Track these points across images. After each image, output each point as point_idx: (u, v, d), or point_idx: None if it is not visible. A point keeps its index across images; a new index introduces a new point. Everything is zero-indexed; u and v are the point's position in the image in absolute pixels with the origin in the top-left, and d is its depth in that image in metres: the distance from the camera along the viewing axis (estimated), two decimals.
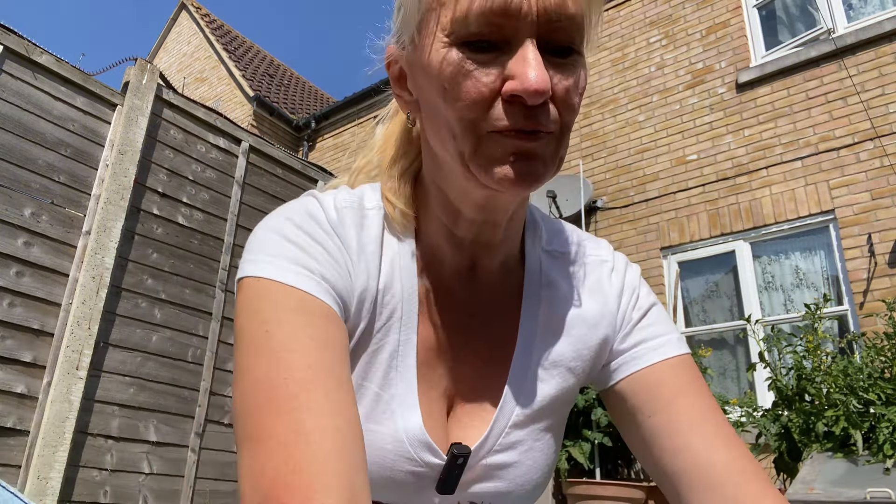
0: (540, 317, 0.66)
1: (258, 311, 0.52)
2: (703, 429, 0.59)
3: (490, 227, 0.62)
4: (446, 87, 0.51)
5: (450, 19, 0.50)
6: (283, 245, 0.55)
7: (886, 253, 4.42)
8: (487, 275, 0.66)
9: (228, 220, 3.68)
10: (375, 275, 0.60)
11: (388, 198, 0.63)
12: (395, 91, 0.62)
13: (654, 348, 0.65)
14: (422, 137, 0.63)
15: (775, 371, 2.96)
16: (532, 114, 0.50)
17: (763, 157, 5.23)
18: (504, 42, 0.50)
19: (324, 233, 0.58)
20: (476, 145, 0.52)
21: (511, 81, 0.49)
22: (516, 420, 0.63)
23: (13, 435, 2.67)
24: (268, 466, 0.43)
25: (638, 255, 5.66)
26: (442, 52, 0.51)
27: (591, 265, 0.69)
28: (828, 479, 2.28)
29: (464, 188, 0.58)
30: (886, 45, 4.90)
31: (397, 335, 0.61)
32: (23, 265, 2.81)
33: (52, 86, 3.07)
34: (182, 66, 11.90)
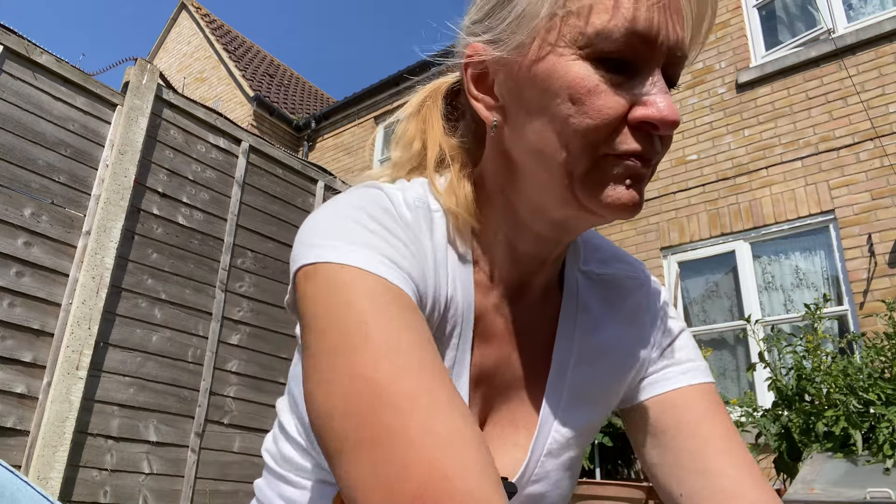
0: (575, 344, 0.64)
1: (350, 303, 0.46)
2: (732, 456, 0.60)
3: (553, 244, 0.61)
4: (575, 101, 0.49)
5: (588, 31, 0.49)
6: (364, 234, 0.51)
7: (886, 253, 4.42)
8: (533, 294, 0.64)
9: (228, 220, 3.68)
10: (444, 284, 0.56)
11: (445, 199, 0.60)
12: (472, 93, 0.58)
13: (683, 372, 0.65)
14: (493, 145, 0.60)
15: (775, 371, 2.96)
16: (653, 142, 0.51)
17: (763, 157, 5.23)
18: (635, 67, 0.50)
19: (401, 229, 0.54)
20: (591, 166, 0.51)
21: (643, 108, 0.49)
22: (549, 449, 0.62)
23: (13, 435, 2.67)
24: (411, 471, 0.38)
25: (638, 255, 5.66)
26: (572, 63, 0.50)
27: (627, 290, 0.68)
28: (828, 479, 2.28)
29: (545, 204, 0.56)
30: (886, 45, 4.90)
31: (454, 353, 0.58)
32: (23, 265, 2.81)
33: (52, 86, 3.07)
34: (182, 66, 11.90)
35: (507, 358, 0.62)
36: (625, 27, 0.48)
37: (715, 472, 0.59)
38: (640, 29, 0.48)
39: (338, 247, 0.49)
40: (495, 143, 0.59)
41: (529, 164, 0.55)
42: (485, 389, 0.62)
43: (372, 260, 0.49)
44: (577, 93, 0.49)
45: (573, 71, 0.49)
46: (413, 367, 0.43)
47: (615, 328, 0.66)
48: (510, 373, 0.63)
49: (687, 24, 0.50)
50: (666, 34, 0.49)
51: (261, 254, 3.83)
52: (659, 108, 0.49)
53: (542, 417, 0.62)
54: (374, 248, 0.50)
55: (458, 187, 0.60)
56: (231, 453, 3.42)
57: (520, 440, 0.62)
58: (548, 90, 0.51)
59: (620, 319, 0.66)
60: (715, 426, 0.62)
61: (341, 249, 0.49)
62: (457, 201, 0.59)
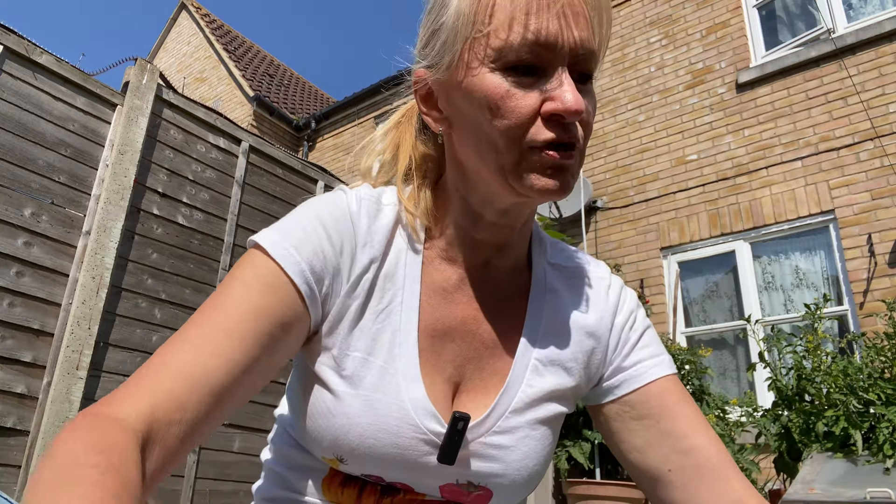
0: (543, 318, 0.73)
1: (236, 269, 0.62)
2: (707, 434, 0.71)
3: (507, 230, 0.71)
4: (492, 107, 0.59)
5: (494, 47, 0.58)
6: (289, 225, 0.65)
7: (886, 253, 4.42)
8: (498, 273, 0.73)
9: (228, 220, 3.68)
10: (378, 261, 0.68)
11: (406, 204, 0.70)
12: (422, 110, 0.69)
13: (654, 365, 0.74)
14: (447, 151, 0.71)
15: (775, 371, 2.96)
16: (568, 129, 0.60)
17: (763, 157, 5.23)
18: (542, 69, 0.59)
19: (336, 221, 0.66)
20: (518, 159, 0.60)
21: (551, 102, 0.58)
22: (515, 406, 0.69)
23: (13, 435, 2.67)
24: (135, 374, 0.54)
25: (638, 255, 5.66)
26: (487, 75, 0.59)
27: (590, 280, 0.78)
28: (828, 479, 2.28)
29: (491, 195, 0.66)
30: (886, 45, 4.90)
31: (399, 317, 0.67)
32: (23, 265, 2.81)
33: (52, 86, 3.07)
34: (182, 66, 11.90)
35: (472, 329, 0.71)
36: (524, 39, 0.57)
37: (698, 447, 0.69)
38: (537, 38, 0.57)
39: (265, 232, 0.64)
40: (448, 148, 0.70)
41: (473, 163, 0.65)
42: (454, 355, 0.70)
43: (274, 244, 0.62)
44: (493, 99, 0.59)
45: (487, 82, 0.59)
46: (215, 320, 0.58)
47: (579, 309, 0.75)
48: (479, 342, 0.71)
49: (587, 22, 0.58)
50: (563, 38, 0.57)
51: None
52: (563, 100, 0.57)
53: (510, 378, 0.70)
54: (286, 235, 0.63)
55: (420, 192, 0.72)
56: (231, 453, 3.41)
57: (488, 401, 0.70)
58: (472, 101, 0.60)
59: (584, 303, 0.76)
60: (691, 409, 0.72)
61: (264, 234, 0.64)
62: (416, 205, 0.71)
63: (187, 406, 0.52)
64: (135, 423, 0.48)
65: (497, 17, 0.58)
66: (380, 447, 0.64)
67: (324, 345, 0.66)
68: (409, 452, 0.65)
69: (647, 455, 0.71)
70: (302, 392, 0.70)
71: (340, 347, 0.65)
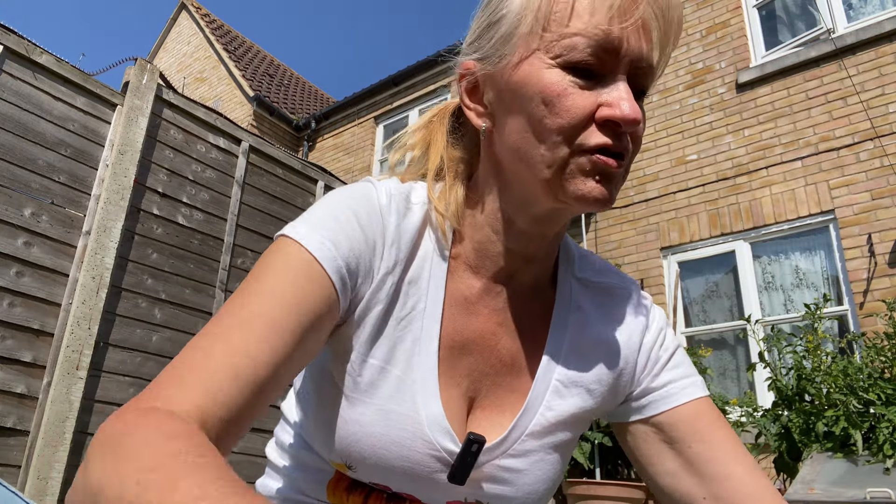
0: (567, 337, 0.70)
1: (267, 260, 0.58)
2: (745, 461, 0.67)
3: (538, 240, 0.67)
4: (547, 102, 0.57)
5: (559, 44, 0.57)
6: (322, 217, 0.61)
7: (886, 253, 4.42)
8: (522, 287, 0.70)
9: (228, 220, 3.68)
10: (403, 264, 0.64)
11: (436, 204, 0.67)
12: (465, 102, 0.67)
13: (685, 387, 0.71)
14: (484, 150, 0.68)
15: (775, 371, 2.96)
16: (621, 138, 0.58)
17: (763, 157, 5.23)
18: (601, 74, 0.57)
19: (370, 213, 0.63)
20: (564, 161, 0.58)
21: (607, 108, 0.57)
22: (533, 429, 0.67)
23: (13, 435, 2.67)
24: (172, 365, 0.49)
25: (638, 255, 5.66)
26: (545, 71, 0.57)
27: (620, 297, 0.74)
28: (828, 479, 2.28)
29: (527, 199, 0.63)
30: (886, 45, 4.90)
31: (420, 324, 0.65)
32: (23, 265, 2.81)
33: (52, 86, 3.07)
34: (182, 66, 11.90)
35: (491, 344, 0.68)
36: (591, 40, 0.56)
37: (734, 475, 0.66)
38: (605, 42, 0.56)
39: (296, 224, 0.61)
40: (486, 148, 0.67)
41: (513, 162, 0.62)
42: (468, 370, 0.67)
43: (308, 235, 0.59)
44: (549, 95, 0.57)
45: (546, 77, 0.57)
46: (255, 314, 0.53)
47: (607, 327, 0.72)
48: (497, 358, 0.68)
49: (654, 38, 0.58)
50: (629, 47, 0.57)
51: (261, 254, 3.82)
52: (621, 108, 0.56)
53: (529, 400, 0.67)
54: (320, 227, 0.60)
55: (451, 193, 0.68)
56: (231, 453, 3.41)
57: (504, 421, 0.67)
58: (525, 95, 0.59)
59: (612, 322, 0.72)
60: (726, 433, 0.69)
61: (295, 226, 0.61)
62: (446, 206, 0.67)
63: (234, 404, 0.49)
64: (190, 418, 0.46)
65: (568, 14, 0.57)
66: (390, 459, 0.63)
67: (343, 346, 0.64)
68: (420, 467, 0.63)
69: (679, 481, 0.68)
70: (315, 393, 0.68)
71: (359, 352, 0.63)
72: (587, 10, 0.56)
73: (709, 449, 0.67)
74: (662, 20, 0.57)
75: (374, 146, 8.90)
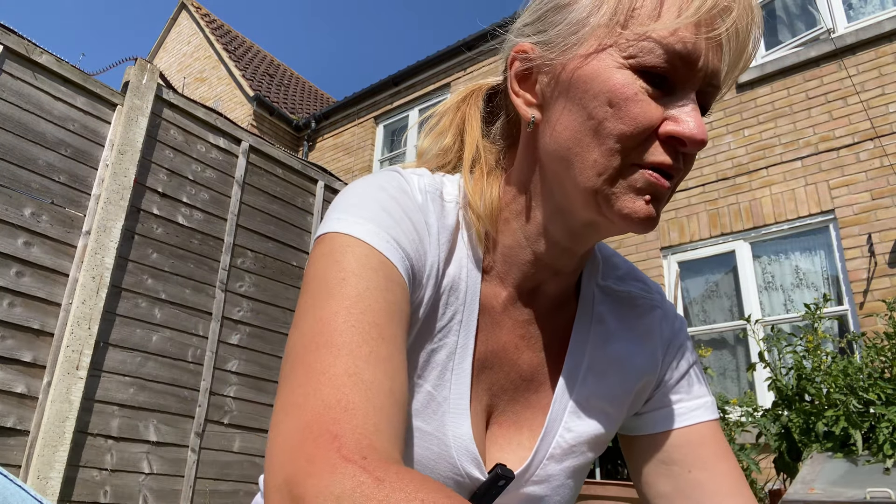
0: (587, 353, 0.66)
1: (339, 262, 0.51)
2: (742, 495, 0.64)
3: (568, 255, 0.62)
4: (612, 104, 0.52)
5: (637, 43, 0.52)
6: (376, 211, 0.55)
7: (886, 253, 4.42)
8: (546, 300, 0.65)
9: (228, 220, 3.68)
10: (441, 269, 0.59)
11: (472, 204, 0.62)
12: (514, 89, 0.60)
13: (695, 408, 0.68)
14: (526, 145, 0.62)
15: (775, 371, 2.96)
16: (678, 158, 0.54)
17: (763, 157, 5.23)
18: (671, 86, 0.53)
19: (414, 209, 0.58)
20: (617, 172, 0.53)
21: (674, 124, 0.52)
22: (553, 452, 0.63)
23: (13, 435, 2.67)
24: (316, 399, 0.42)
25: (638, 255, 5.66)
26: (616, 69, 0.52)
27: (642, 309, 0.70)
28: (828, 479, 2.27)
29: (566, 208, 0.58)
30: (886, 45, 4.90)
31: (456, 338, 0.60)
32: (23, 265, 2.81)
33: (52, 86, 3.07)
34: (182, 66, 11.90)
35: (513, 358, 0.64)
36: (672, 45, 0.51)
37: None
38: (686, 51, 0.51)
39: (348, 220, 0.54)
40: (529, 142, 0.61)
41: (559, 163, 0.56)
42: (489, 385, 0.63)
43: (372, 233, 0.53)
44: (617, 97, 0.52)
45: (616, 77, 0.52)
46: (370, 323, 0.47)
47: (627, 343, 0.67)
48: (517, 373, 0.64)
49: (725, 60, 0.53)
50: (707, 61, 0.52)
51: (261, 254, 3.83)
52: (689, 125, 0.52)
53: (548, 421, 0.63)
54: (379, 223, 0.54)
55: (487, 188, 0.63)
56: (231, 453, 3.41)
57: (523, 440, 0.63)
58: (588, 91, 0.53)
59: (633, 336, 0.68)
60: (729, 465, 0.65)
61: (349, 222, 0.54)
62: (482, 203, 0.62)
63: (402, 435, 0.45)
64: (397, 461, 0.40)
65: (650, 13, 0.52)
66: None
67: None
68: None
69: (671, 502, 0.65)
70: None
71: None
72: (672, 12, 0.51)
73: (708, 478, 0.64)
74: (740, 42, 0.53)
75: (374, 146, 8.89)
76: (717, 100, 0.57)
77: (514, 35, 0.62)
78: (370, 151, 8.87)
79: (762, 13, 0.57)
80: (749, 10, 0.53)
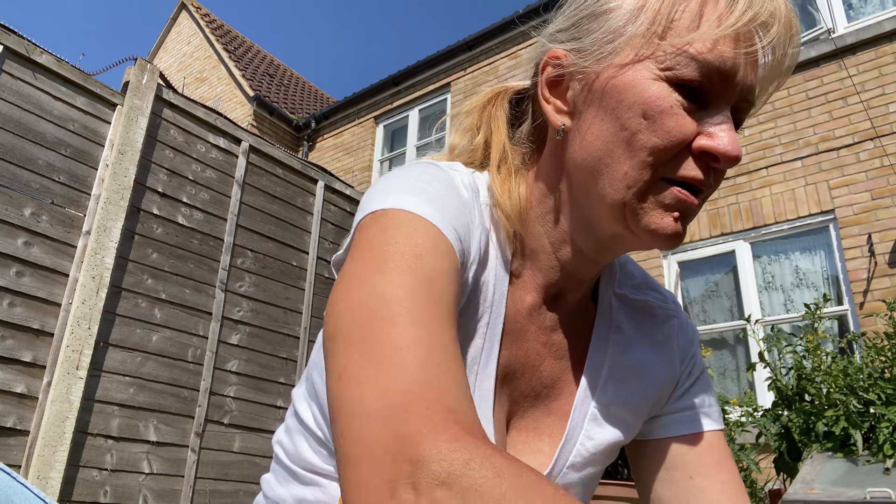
0: (606, 360, 0.66)
1: (412, 236, 0.48)
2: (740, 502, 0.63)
3: (591, 266, 0.62)
4: (647, 116, 0.51)
5: (675, 55, 0.51)
6: (431, 194, 0.53)
7: (886, 253, 4.42)
8: (567, 307, 0.65)
9: (228, 220, 3.68)
10: (476, 268, 0.57)
11: (501, 204, 0.61)
12: (544, 95, 0.59)
13: (702, 416, 0.68)
14: (552, 153, 0.61)
15: (775, 371, 2.96)
16: (709, 174, 0.53)
17: (763, 156, 5.23)
18: (706, 101, 0.52)
19: (463, 205, 0.56)
20: (647, 186, 0.52)
21: (708, 139, 0.51)
22: (574, 461, 0.63)
23: (13, 435, 2.67)
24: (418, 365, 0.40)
25: (638, 255, 5.66)
26: (652, 81, 0.52)
27: (659, 318, 0.70)
28: (828, 479, 2.27)
29: (591, 220, 0.57)
30: (886, 45, 4.90)
31: (482, 341, 0.58)
32: (23, 265, 2.81)
33: (52, 86, 3.07)
34: (182, 66, 11.90)
35: (535, 364, 0.63)
36: (711, 60, 0.50)
37: None
38: (723, 66, 0.50)
39: (411, 200, 0.51)
40: (556, 150, 0.60)
41: (587, 174, 0.55)
42: (510, 391, 0.62)
43: (439, 219, 0.51)
44: (652, 110, 0.51)
45: (652, 89, 0.51)
46: (444, 305, 0.45)
47: (645, 351, 0.67)
48: (537, 380, 0.63)
49: (761, 76, 0.53)
50: (744, 76, 0.51)
51: (261, 254, 3.83)
52: (724, 141, 0.51)
53: (569, 428, 0.63)
54: (442, 211, 0.52)
55: (514, 189, 0.62)
56: (231, 453, 3.41)
57: (543, 447, 0.63)
58: (623, 102, 0.52)
59: (650, 344, 0.68)
60: (731, 476, 0.65)
61: (410, 201, 0.51)
62: (510, 203, 0.60)
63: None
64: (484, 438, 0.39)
65: (689, 25, 0.51)
66: None
67: None
68: None
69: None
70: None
71: None
72: (711, 24, 0.50)
73: (708, 486, 0.64)
74: (777, 59, 0.53)
75: (374, 146, 8.89)
76: (749, 115, 0.56)
77: (546, 40, 0.61)
78: (370, 151, 8.87)
79: (801, 27, 0.56)
80: (789, 27, 0.52)
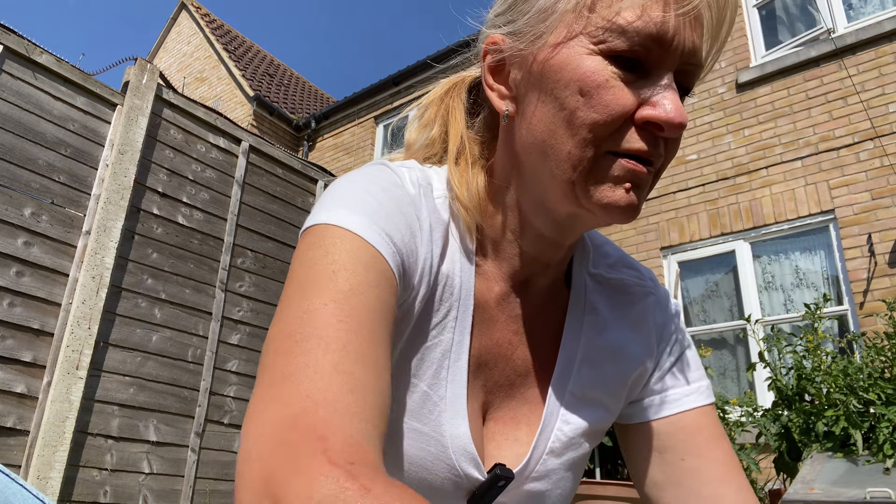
0: (580, 343, 0.65)
1: (329, 253, 0.48)
2: (735, 483, 0.62)
3: (554, 248, 0.61)
4: (584, 93, 0.50)
5: (605, 27, 0.49)
6: (367, 203, 0.53)
7: (886, 253, 4.42)
8: (537, 292, 0.64)
9: (228, 220, 3.68)
10: (437, 265, 0.57)
11: (460, 197, 0.60)
12: (488, 82, 0.59)
13: (689, 393, 0.66)
14: (503, 139, 0.61)
15: (775, 371, 2.96)
16: (657, 144, 0.52)
17: (763, 157, 5.23)
18: (646, 69, 0.51)
19: (406, 203, 0.56)
20: (593, 162, 0.51)
21: (650, 108, 0.50)
22: (552, 447, 0.62)
23: (13, 435, 2.67)
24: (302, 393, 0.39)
25: (638, 255, 5.65)
26: (586, 56, 0.50)
27: (635, 296, 0.68)
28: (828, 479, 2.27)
29: (546, 201, 0.57)
30: (886, 45, 4.90)
31: (451, 335, 0.58)
32: (23, 265, 2.81)
33: (52, 86, 3.07)
34: (182, 66, 11.90)
35: (507, 353, 0.63)
36: (642, 27, 0.49)
37: (722, 497, 0.61)
38: (656, 31, 0.49)
39: (338, 212, 0.51)
40: (507, 136, 0.60)
41: (535, 156, 0.55)
42: (484, 382, 0.62)
43: (364, 226, 0.50)
44: (588, 85, 0.50)
45: (586, 64, 0.50)
46: (358, 319, 0.45)
47: (622, 331, 0.66)
48: (511, 369, 0.63)
49: (706, 35, 0.51)
50: (681, 40, 0.50)
51: (261, 253, 3.83)
52: (666, 109, 0.49)
53: (545, 415, 0.62)
54: (371, 217, 0.51)
55: (472, 180, 0.61)
56: (231, 453, 3.41)
57: (520, 436, 0.62)
58: (559, 81, 0.51)
59: (627, 324, 0.67)
60: (723, 452, 0.64)
61: (340, 214, 0.51)
62: (468, 195, 0.60)
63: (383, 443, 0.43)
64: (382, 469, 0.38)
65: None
66: (405, 480, 0.57)
67: None
68: (439, 491, 0.58)
69: (664, 493, 0.64)
70: None
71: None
72: None
73: (701, 466, 0.63)
74: (717, 12, 0.51)
75: (374, 146, 8.89)
76: (700, 78, 0.54)
77: (486, 27, 0.60)
78: (370, 151, 8.87)
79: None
80: None
